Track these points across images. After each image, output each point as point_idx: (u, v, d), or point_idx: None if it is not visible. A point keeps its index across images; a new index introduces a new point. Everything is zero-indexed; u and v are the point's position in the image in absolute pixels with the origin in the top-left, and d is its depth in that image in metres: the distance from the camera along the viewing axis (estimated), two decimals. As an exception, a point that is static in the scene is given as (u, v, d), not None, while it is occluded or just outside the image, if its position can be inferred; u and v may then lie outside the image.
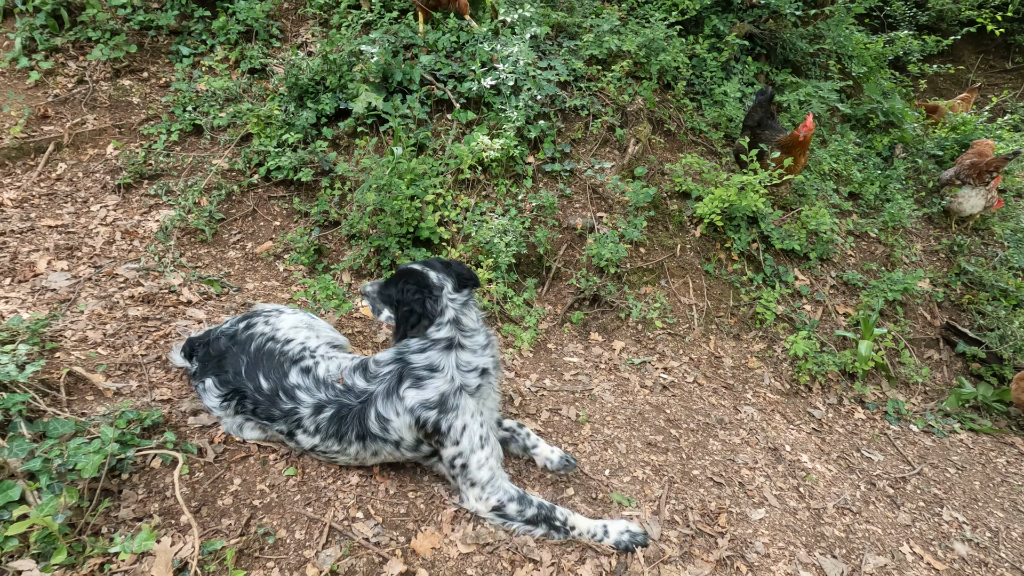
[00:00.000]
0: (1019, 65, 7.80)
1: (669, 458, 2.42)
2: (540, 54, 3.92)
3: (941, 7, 7.57)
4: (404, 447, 1.82)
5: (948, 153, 5.07)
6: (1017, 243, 4.40)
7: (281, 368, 1.84)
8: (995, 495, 2.71)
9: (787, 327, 3.42)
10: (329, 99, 3.40)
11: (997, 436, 3.23)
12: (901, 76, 6.11)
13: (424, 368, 1.77)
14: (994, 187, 4.10)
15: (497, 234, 3.13)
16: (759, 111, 3.63)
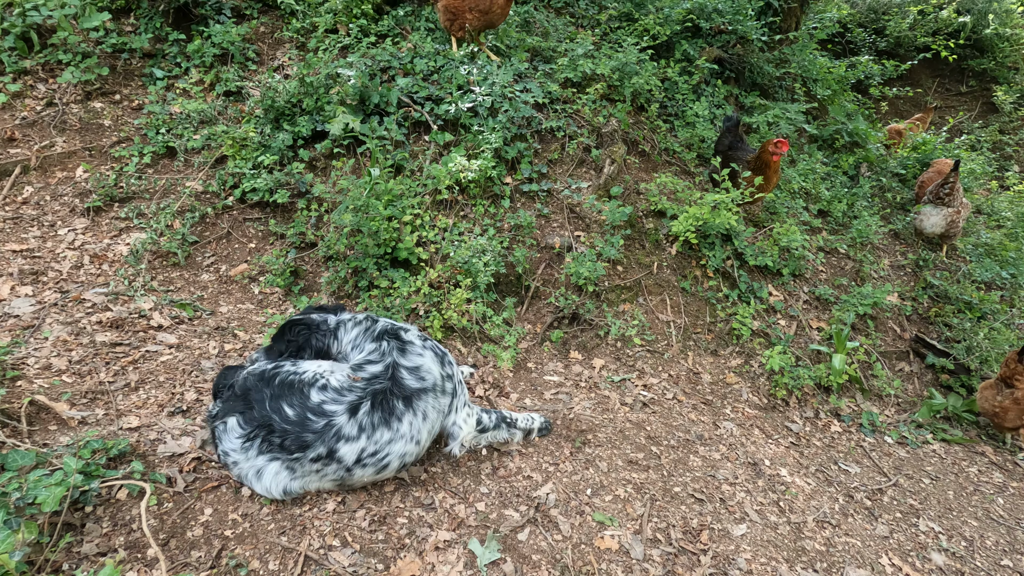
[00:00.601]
0: (972, 88, 8.20)
1: (650, 475, 2.41)
2: (516, 76, 3.99)
3: (898, 34, 7.95)
4: (438, 390, 1.97)
5: (910, 172, 5.28)
6: (979, 257, 4.57)
7: (301, 392, 1.82)
8: (968, 504, 2.76)
9: (763, 342, 3.48)
10: (306, 121, 3.40)
11: (968, 445, 3.30)
12: (864, 99, 6.37)
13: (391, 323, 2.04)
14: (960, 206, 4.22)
15: (476, 254, 3.13)
16: (728, 136, 3.75)
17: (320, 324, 2.07)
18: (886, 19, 8.07)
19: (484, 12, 3.68)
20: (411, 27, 4.07)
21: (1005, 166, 7.46)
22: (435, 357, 2.01)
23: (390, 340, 1.93)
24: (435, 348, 2.06)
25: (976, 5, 7.99)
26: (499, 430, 2.33)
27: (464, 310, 3.01)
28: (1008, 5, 8.16)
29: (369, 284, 3.04)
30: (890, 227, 4.64)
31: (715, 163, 3.69)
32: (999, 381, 3.24)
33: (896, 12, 8.06)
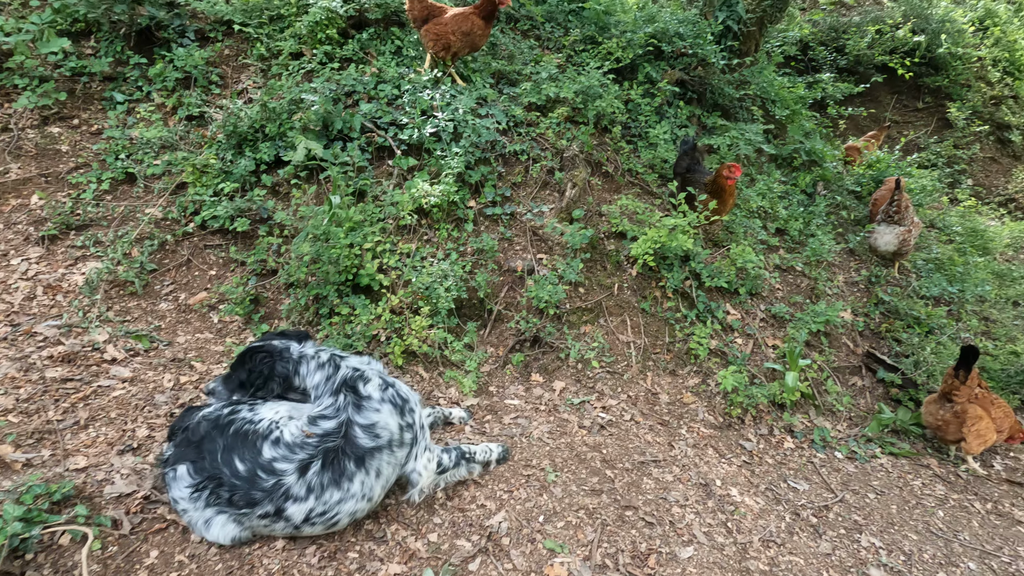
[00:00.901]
0: (928, 104, 8.51)
1: (603, 500, 2.47)
2: (480, 101, 4.06)
3: (857, 52, 8.23)
4: (395, 445, 1.95)
5: (865, 189, 5.47)
6: (928, 272, 4.76)
7: (254, 446, 1.81)
8: (910, 518, 2.88)
9: (720, 361, 3.58)
10: (268, 147, 3.42)
11: (915, 459, 3.43)
12: (822, 118, 6.59)
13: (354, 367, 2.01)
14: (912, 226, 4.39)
15: (437, 279, 3.18)
16: (686, 158, 3.86)
17: (283, 351, 2.04)
18: (846, 38, 8.35)
19: (466, 34, 3.81)
20: (376, 51, 4.11)
21: (959, 180, 7.77)
22: (393, 410, 1.98)
23: (347, 394, 1.92)
24: (395, 398, 2.02)
25: (930, 25, 8.30)
26: (459, 468, 2.34)
27: (425, 336, 3.05)
28: (960, 25, 8.50)
29: (330, 311, 3.06)
30: (844, 245, 4.81)
31: (672, 187, 3.80)
32: (941, 395, 3.38)
33: (855, 31, 8.34)
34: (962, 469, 3.40)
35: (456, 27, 3.77)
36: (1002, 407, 3.39)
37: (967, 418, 3.26)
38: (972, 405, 3.27)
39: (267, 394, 2.05)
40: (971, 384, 3.30)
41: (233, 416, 1.85)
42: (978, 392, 3.34)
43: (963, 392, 3.28)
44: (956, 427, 3.31)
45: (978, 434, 3.28)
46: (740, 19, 5.25)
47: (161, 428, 2.24)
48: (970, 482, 3.28)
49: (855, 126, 7.96)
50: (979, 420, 3.26)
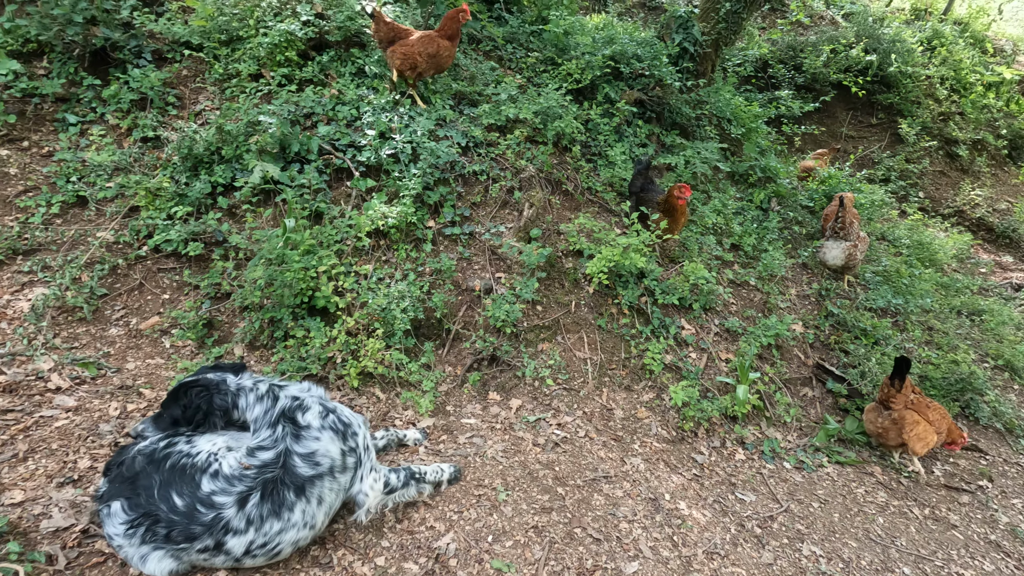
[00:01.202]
0: (881, 120, 8.86)
1: (553, 517, 2.52)
2: (440, 122, 4.12)
3: (814, 71, 8.54)
4: (336, 471, 1.98)
5: (818, 204, 5.69)
6: (876, 285, 4.96)
7: (193, 480, 1.81)
8: (851, 525, 3.00)
9: (674, 376, 3.67)
10: (223, 170, 3.42)
11: (859, 467, 3.57)
12: (778, 135, 6.83)
13: (294, 396, 2.02)
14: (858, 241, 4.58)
15: (394, 300, 3.21)
16: (640, 178, 3.98)
17: (219, 384, 2.04)
18: (803, 56, 8.66)
19: (432, 56, 3.89)
20: (337, 73, 4.15)
21: (911, 193, 8.10)
22: (334, 436, 2.00)
23: (285, 425, 1.93)
24: (335, 423, 2.04)
25: (881, 45, 8.68)
26: (408, 488, 2.36)
27: (381, 357, 3.07)
28: (909, 45, 8.90)
29: (285, 334, 3.07)
30: (795, 260, 4.98)
31: (625, 207, 3.90)
32: (879, 403, 3.53)
33: (811, 50, 8.67)
34: (910, 470, 3.54)
35: (423, 48, 3.84)
36: (937, 410, 3.55)
37: (905, 424, 3.41)
38: (909, 411, 3.42)
39: (208, 429, 2.05)
40: (906, 392, 3.46)
41: (169, 450, 1.85)
42: (913, 399, 3.49)
43: (899, 400, 3.43)
44: (896, 433, 3.45)
45: (919, 437, 3.43)
46: (696, 41, 5.44)
47: (104, 459, 2.22)
48: (910, 488, 3.42)
49: (814, 141, 8.25)
50: (916, 425, 3.42)
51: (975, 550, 2.98)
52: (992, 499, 3.43)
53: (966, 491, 3.47)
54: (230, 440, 1.98)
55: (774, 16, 10.17)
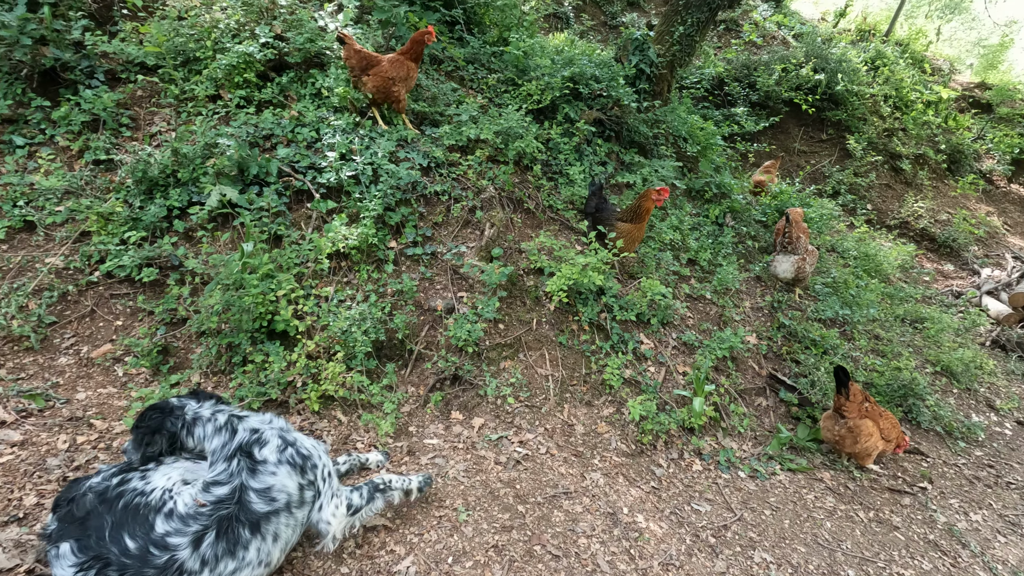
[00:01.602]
0: (831, 136, 9.30)
1: (513, 536, 2.57)
2: (401, 143, 4.17)
3: (767, 88, 8.92)
4: (293, 506, 1.98)
5: (770, 219, 5.93)
6: (826, 296, 5.19)
7: (146, 521, 1.78)
8: (800, 531, 3.13)
9: (634, 390, 3.77)
10: (180, 193, 3.39)
11: (810, 473, 3.72)
12: (732, 152, 7.10)
13: (253, 429, 2.01)
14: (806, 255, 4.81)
15: (355, 322, 3.22)
16: (594, 199, 4.11)
17: (176, 408, 2.03)
18: (756, 75, 9.04)
19: (404, 80, 4.03)
20: (297, 94, 4.16)
21: (859, 205, 8.50)
22: (292, 470, 2.00)
23: (241, 459, 1.93)
24: (294, 457, 2.03)
25: (829, 64, 9.13)
26: (374, 502, 2.35)
27: (342, 380, 3.08)
28: (855, 65, 9.39)
29: (243, 359, 3.05)
30: (749, 273, 5.18)
31: (582, 226, 4.02)
32: (834, 412, 3.70)
33: (764, 69, 9.06)
34: (863, 473, 3.72)
35: (396, 73, 3.97)
36: (889, 419, 3.74)
37: (860, 435, 3.59)
38: (864, 420, 3.60)
39: (156, 450, 2.02)
40: (856, 399, 3.63)
41: (123, 487, 1.83)
42: (867, 407, 3.67)
43: (851, 408, 3.60)
44: (851, 441, 3.62)
45: (866, 452, 3.61)
46: (652, 63, 5.64)
47: (52, 494, 2.17)
48: (856, 492, 3.59)
49: (768, 157, 8.60)
50: (870, 437, 3.59)
51: (915, 550, 3.15)
52: (931, 500, 3.62)
53: (908, 493, 3.66)
54: (186, 473, 1.96)
55: (729, 36, 10.59)
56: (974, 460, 4.18)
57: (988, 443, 4.42)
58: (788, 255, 4.79)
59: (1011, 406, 4.95)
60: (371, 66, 3.93)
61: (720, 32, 10.69)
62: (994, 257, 8.33)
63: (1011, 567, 3.13)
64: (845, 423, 3.62)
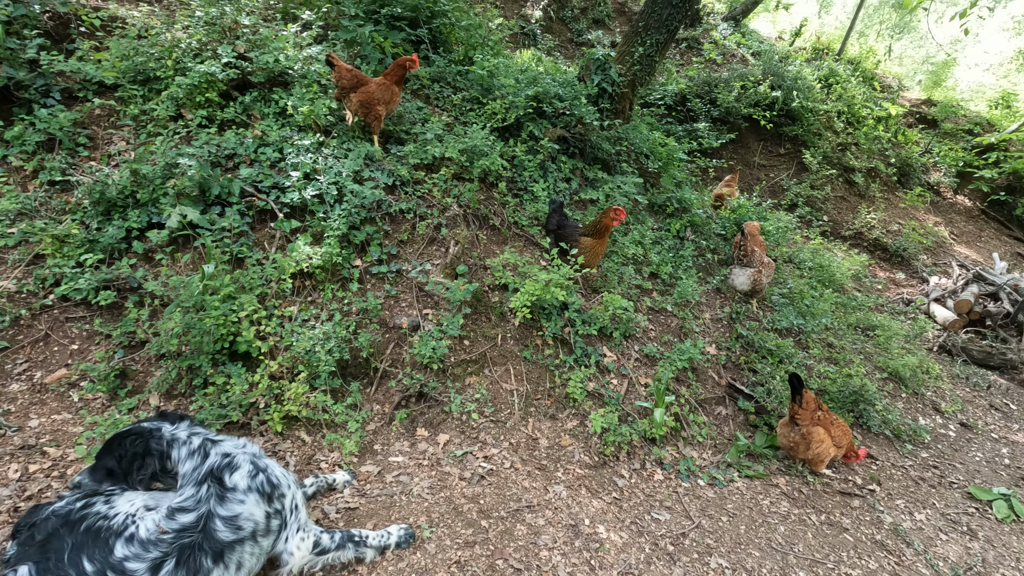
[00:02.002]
0: (788, 150, 9.67)
1: (476, 551, 2.61)
2: (368, 161, 4.21)
3: (727, 105, 9.25)
4: (259, 535, 1.98)
5: (729, 232, 6.14)
6: (782, 306, 5.40)
7: (106, 544, 1.76)
8: (755, 536, 3.25)
9: (597, 403, 3.87)
10: (137, 215, 3.36)
11: (766, 479, 3.86)
12: (693, 168, 7.33)
13: (225, 453, 2.01)
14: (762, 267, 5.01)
15: (318, 342, 3.24)
16: (555, 216, 4.22)
17: (153, 431, 2.01)
18: (717, 92, 9.36)
19: (388, 102, 4.22)
20: (260, 113, 4.17)
21: (815, 217, 8.85)
22: (260, 499, 2.00)
23: (211, 485, 1.93)
24: (263, 485, 2.03)
25: (785, 82, 9.51)
26: (344, 550, 2.35)
27: (306, 400, 3.09)
28: (809, 83, 9.81)
29: (204, 382, 3.03)
30: (707, 286, 5.36)
31: (546, 243, 4.12)
32: (789, 419, 3.85)
33: (724, 86, 9.39)
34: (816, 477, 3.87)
35: (381, 95, 4.14)
36: (840, 426, 3.90)
37: (812, 441, 3.74)
38: (816, 427, 3.75)
39: (144, 476, 2.01)
40: (808, 407, 3.79)
41: (86, 511, 1.82)
42: (819, 414, 3.83)
43: (804, 415, 3.76)
44: (804, 447, 3.78)
45: (819, 458, 3.77)
46: (613, 82, 5.81)
47: (2, 525, 2.13)
48: (809, 496, 3.74)
49: (730, 172, 8.89)
50: (821, 443, 3.75)
51: (862, 550, 3.30)
52: (879, 501, 3.80)
53: (857, 495, 3.82)
54: (150, 500, 1.96)
55: (691, 54, 10.95)
56: (920, 461, 4.39)
57: (933, 445, 4.65)
58: (745, 267, 4.98)
59: (955, 409, 5.21)
60: (360, 85, 4.10)
61: (682, 50, 11.04)
62: (942, 265, 8.76)
63: (951, 563, 3.31)
64: (799, 430, 3.77)
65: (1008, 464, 4.58)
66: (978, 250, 9.42)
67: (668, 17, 5.82)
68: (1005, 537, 3.63)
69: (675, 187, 6.05)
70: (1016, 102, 12.41)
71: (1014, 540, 3.61)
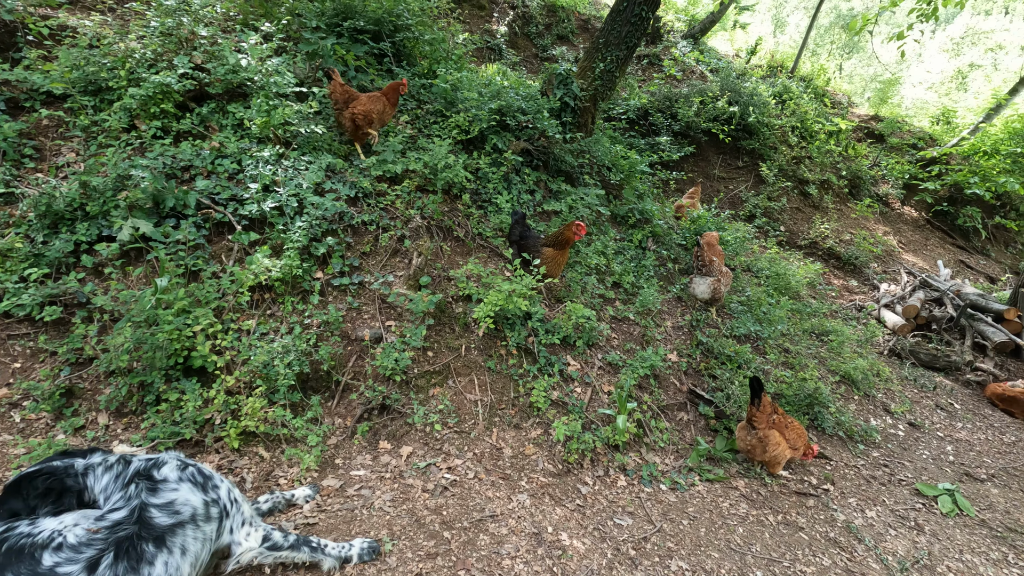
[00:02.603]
0: (746, 163, 10.02)
1: (438, 562, 2.60)
2: (330, 173, 4.19)
3: (687, 119, 9.54)
4: (199, 519, 1.96)
5: (690, 242, 6.31)
6: (740, 313, 5.57)
7: (32, 557, 1.70)
8: (715, 538, 3.32)
9: (560, 411, 3.91)
10: (88, 227, 3.27)
11: (726, 482, 3.95)
12: (655, 180, 7.53)
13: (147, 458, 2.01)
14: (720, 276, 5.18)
15: (277, 355, 3.19)
16: (517, 228, 4.28)
17: (67, 468, 1.98)
18: (677, 107, 9.66)
19: (380, 114, 4.43)
20: (218, 125, 4.12)
21: (772, 228, 9.17)
22: (194, 487, 2.00)
23: (139, 482, 1.91)
24: (194, 476, 2.04)
25: (742, 98, 9.88)
26: (298, 552, 2.33)
27: (264, 415, 3.03)
28: (765, 98, 10.21)
29: (157, 398, 2.95)
30: (668, 295, 5.49)
31: (508, 254, 4.16)
32: (747, 423, 3.96)
33: (684, 101, 9.69)
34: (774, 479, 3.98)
35: (373, 107, 4.35)
36: (795, 429, 4.04)
37: (768, 444, 3.86)
38: (772, 431, 3.87)
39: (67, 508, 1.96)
40: (765, 411, 3.91)
41: (8, 533, 1.75)
42: (775, 418, 3.96)
43: (761, 418, 3.87)
44: (761, 450, 3.89)
45: (776, 460, 3.89)
46: (575, 96, 5.95)
47: (-69, 555, 2.02)
48: (767, 498, 3.84)
49: (691, 183, 9.15)
50: (777, 446, 3.87)
51: (817, 548, 3.41)
52: (833, 500, 3.93)
53: (812, 495, 3.95)
54: (80, 518, 1.89)
55: (652, 70, 11.27)
56: (871, 460, 4.57)
57: (884, 444, 4.84)
58: (704, 277, 5.12)
59: (904, 409, 5.45)
60: (351, 100, 4.32)
61: (644, 66, 11.36)
62: (891, 273, 9.17)
63: (899, 557, 3.44)
64: (756, 433, 3.88)
65: (952, 461, 4.80)
66: (924, 258, 9.90)
67: (627, 35, 6.00)
68: (949, 531, 3.80)
69: (637, 199, 6.20)
70: (955, 118, 13.17)
71: (957, 533, 3.78)
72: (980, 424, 5.55)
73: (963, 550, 3.60)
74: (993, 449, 5.09)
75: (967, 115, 13.12)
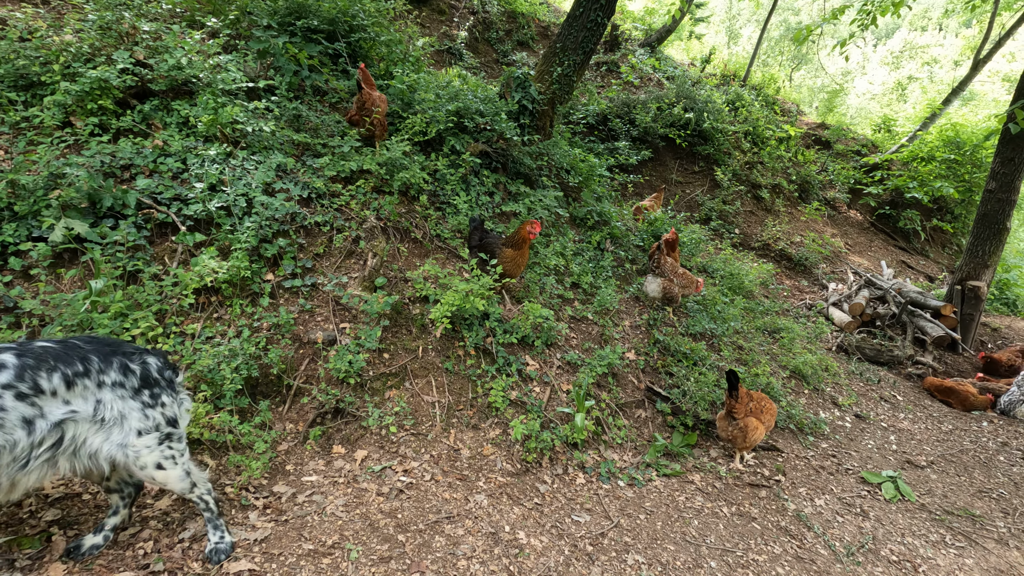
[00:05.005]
0: (703, 168, 10.30)
1: (391, 566, 2.54)
2: (281, 173, 4.09)
3: (645, 125, 9.75)
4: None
5: (647, 243, 6.44)
6: (695, 312, 5.69)
7: None
8: (671, 531, 3.37)
9: (519, 410, 3.90)
10: (16, 227, 3.09)
11: (682, 476, 4.02)
12: (614, 183, 7.65)
13: None
14: (674, 276, 5.30)
15: (223, 359, 3.08)
16: (477, 233, 4.29)
17: None
18: (635, 112, 9.86)
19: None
20: (162, 122, 3.96)
21: (727, 230, 9.45)
22: None
23: None
24: None
25: (697, 105, 10.17)
26: None
27: (208, 422, 2.91)
28: (718, 106, 10.54)
29: (91, 406, 2.79)
30: (625, 294, 5.58)
31: (465, 254, 4.15)
32: (727, 414, 4.05)
33: (641, 107, 9.90)
34: (730, 468, 4.08)
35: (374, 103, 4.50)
36: (769, 409, 4.19)
37: (748, 431, 3.98)
38: (750, 418, 4.00)
39: None
40: (743, 401, 4.00)
41: None
42: (751, 405, 4.07)
43: (740, 408, 3.97)
44: (742, 437, 4.01)
45: (754, 443, 4.04)
46: (533, 99, 6.00)
47: None
48: (722, 490, 3.93)
49: (649, 186, 9.35)
50: (756, 431, 4.00)
51: (769, 537, 3.50)
52: (784, 490, 4.05)
53: (765, 486, 4.06)
54: None
55: (611, 76, 11.49)
56: (820, 452, 4.73)
57: (832, 436, 5.02)
58: (656, 277, 5.23)
59: (850, 402, 5.67)
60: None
61: (603, 72, 11.57)
62: (839, 273, 9.57)
63: (846, 543, 3.57)
64: (736, 423, 3.99)
65: (895, 449, 5.02)
66: (869, 258, 10.38)
67: (584, 40, 6.10)
68: (892, 516, 3.96)
69: (596, 201, 6.28)
70: (895, 126, 13.91)
71: (900, 518, 3.95)
72: (921, 414, 5.83)
73: (905, 533, 3.76)
74: (932, 437, 5.35)
75: (906, 123, 13.88)
